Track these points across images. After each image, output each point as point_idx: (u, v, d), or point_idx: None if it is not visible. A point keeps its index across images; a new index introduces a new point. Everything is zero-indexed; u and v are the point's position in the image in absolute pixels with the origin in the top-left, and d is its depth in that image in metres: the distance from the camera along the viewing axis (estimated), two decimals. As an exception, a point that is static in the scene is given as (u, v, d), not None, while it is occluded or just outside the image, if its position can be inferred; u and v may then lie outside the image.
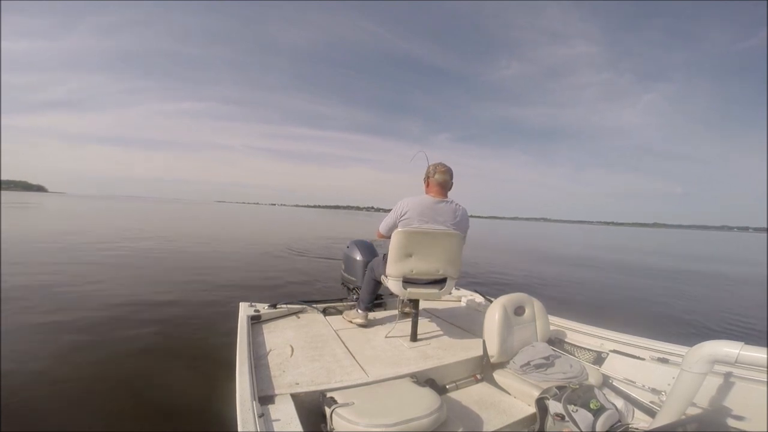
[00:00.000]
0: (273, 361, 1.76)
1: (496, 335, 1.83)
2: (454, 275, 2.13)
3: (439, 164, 2.19)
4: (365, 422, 1.17)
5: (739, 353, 1.18)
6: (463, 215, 2.14)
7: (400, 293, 2.09)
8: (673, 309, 5.42)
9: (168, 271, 6.62)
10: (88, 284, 5.34)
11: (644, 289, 6.95)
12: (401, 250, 2.03)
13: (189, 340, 3.39)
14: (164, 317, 3.99)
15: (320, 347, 1.98)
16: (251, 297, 2.69)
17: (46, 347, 3.10)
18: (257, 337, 2.07)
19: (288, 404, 1.38)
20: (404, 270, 2.05)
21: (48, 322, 3.68)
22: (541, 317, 2.05)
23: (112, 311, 4.09)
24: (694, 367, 1.27)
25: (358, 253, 2.99)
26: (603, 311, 4.99)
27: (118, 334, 3.44)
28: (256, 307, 2.44)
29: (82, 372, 2.71)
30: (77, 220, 17.40)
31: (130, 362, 2.92)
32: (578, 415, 1.26)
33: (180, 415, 2.25)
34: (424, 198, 2.12)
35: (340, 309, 2.84)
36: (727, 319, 4.97)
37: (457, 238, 2.07)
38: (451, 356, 1.95)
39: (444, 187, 2.16)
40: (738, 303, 5.82)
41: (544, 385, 1.60)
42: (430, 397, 1.34)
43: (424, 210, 2.07)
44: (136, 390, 2.52)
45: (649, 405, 1.64)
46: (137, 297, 4.72)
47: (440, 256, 2.05)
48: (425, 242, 2.03)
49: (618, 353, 1.95)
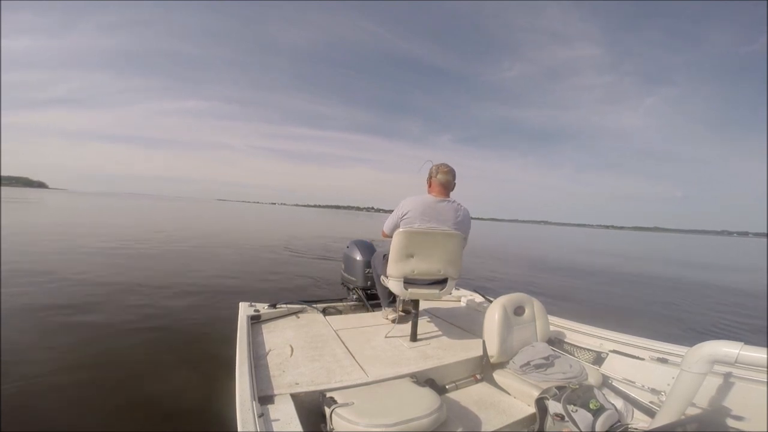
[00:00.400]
0: (273, 361, 1.76)
1: (496, 335, 1.84)
2: (454, 275, 2.12)
3: (442, 164, 2.20)
4: (365, 422, 1.17)
5: (739, 353, 1.18)
6: (464, 215, 2.15)
7: (401, 293, 2.09)
8: (673, 309, 5.43)
9: (167, 269, 6.61)
10: (85, 281, 5.34)
11: (644, 291, 6.96)
12: (402, 250, 2.02)
13: (189, 340, 3.39)
14: (164, 317, 3.98)
15: (320, 347, 1.98)
16: (251, 297, 2.69)
17: (44, 346, 3.10)
18: (257, 337, 2.07)
19: (288, 404, 1.38)
20: (405, 270, 2.04)
21: (46, 320, 3.68)
22: (540, 317, 2.05)
23: (112, 311, 4.09)
24: (694, 367, 1.28)
25: (358, 253, 2.99)
26: (603, 311, 5.00)
27: (117, 334, 3.43)
28: (255, 306, 2.44)
29: (81, 372, 2.71)
30: (77, 218, 17.40)
31: (129, 362, 2.92)
32: (578, 415, 1.26)
33: (180, 414, 2.25)
34: (426, 198, 2.13)
35: (340, 309, 2.84)
36: (727, 319, 4.97)
37: (457, 239, 2.07)
38: (451, 356, 1.95)
39: (446, 187, 2.17)
40: (738, 303, 5.83)
41: (543, 385, 1.60)
42: (430, 397, 1.35)
43: (426, 209, 2.07)
44: (136, 389, 2.52)
45: (649, 405, 1.64)
46: (135, 297, 4.71)
47: (441, 257, 2.06)
48: (426, 242, 2.03)
49: (618, 353, 1.95)
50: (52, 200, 37.51)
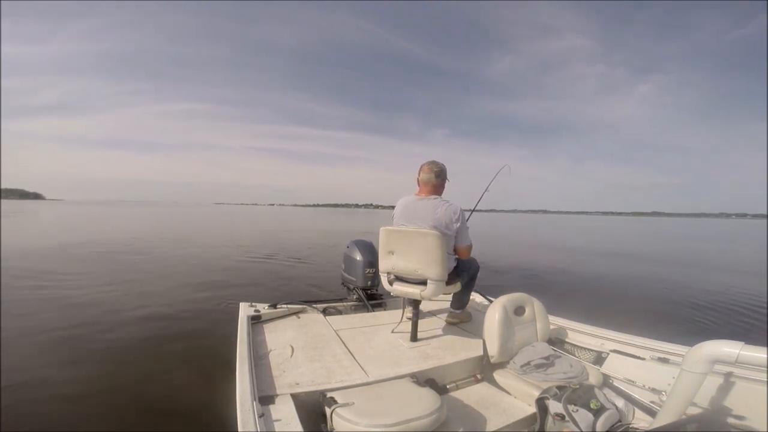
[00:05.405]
0: (273, 361, 1.76)
1: (496, 335, 1.83)
2: (434, 277, 1.98)
3: (426, 163, 2.21)
4: (365, 422, 1.17)
5: (740, 353, 1.18)
6: (445, 213, 2.04)
7: (387, 288, 2.20)
8: (672, 308, 5.43)
9: (167, 272, 6.63)
10: (88, 286, 5.35)
11: (645, 286, 6.95)
12: (384, 247, 2.13)
13: (189, 340, 3.39)
14: (164, 317, 3.99)
15: (320, 347, 1.98)
16: (251, 297, 2.69)
17: (44, 348, 3.11)
18: (257, 337, 2.07)
19: (288, 404, 1.38)
20: (387, 267, 2.15)
21: (48, 324, 3.69)
22: (541, 317, 2.05)
23: (112, 313, 4.10)
24: (695, 367, 1.27)
25: (358, 253, 2.99)
26: (603, 311, 4.99)
27: (117, 335, 3.44)
28: (256, 307, 2.44)
29: (82, 373, 2.71)
30: (77, 228, 17.34)
31: (130, 362, 2.93)
32: (578, 415, 1.26)
33: (180, 414, 2.25)
34: (407, 197, 2.19)
35: (340, 309, 2.84)
36: (726, 318, 4.97)
37: (433, 238, 1.93)
38: (451, 356, 1.95)
39: (427, 184, 2.16)
40: (737, 300, 5.84)
41: (544, 385, 1.60)
42: (430, 397, 1.34)
43: (404, 209, 2.15)
44: (137, 390, 2.52)
45: (650, 405, 1.64)
46: (136, 298, 4.72)
47: (418, 256, 2.01)
48: (402, 241, 2.07)
49: (618, 353, 1.95)
50: (50, 212, 37.03)
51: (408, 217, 2.12)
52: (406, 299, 2.47)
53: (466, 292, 2.45)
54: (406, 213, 2.13)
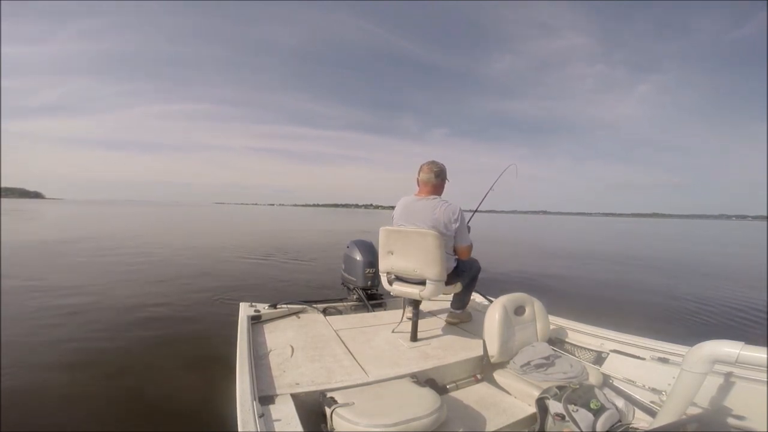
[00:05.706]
0: (273, 361, 1.76)
1: (496, 335, 1.83)
2: (433, 277, 1.98)
3: (426, 163, 2.21)
4: (365, 422, 1.17)
5: (740, 353, 1.18)
6: (444, 213, 2.03)
7: (387, 288, 2.20)
8: (672, 308, 5.43)
9: (168, 272, 6.62)
10: (87, 286, 5.35)
11: (644, 286, 6.95)
12: (383, 247, 2.14)
13: (189, 341, 3.39)
14: (164, 318, 3.99)
15: (320, 347, 1.98)
16: (251, 297, 2.69)
17: (44, 349, 3.11)
18: (257, 337, 2.07)
19: (288, 404, 1.38)
20: (386, 266, 2.16)
21: (48, 324, 3.68)
22: (541, 317, 2.05)
23: (112, 313, 4.10)
24: (695, 367, 1.27)
25: (358, 253, 2.99)
26: (603, 311, 4.99)
27: (118, 336, 3.44)
28: (256, 307, 2.44)
29: (82, 373, 2.71)
30: (81, 229, 17.35)
31: (130, 363, 2.92)
32: (578, 415, 1.26)
33: (180, 415, 2.25)
34: (408, 197, 2.20)
35: (340, 309, 2.84)
36: (726, 317, 4.97)
37: (431, 238, 1.93)
38: (451, 356, 1.95)
39: (427, 184, 2.17)
40: (737, 300, 5.84)
41: (544, 385, 1.60)
42: (430, 397, 1.34)
43: (404, 209, 2.16)
44: (137, 390, 2.52)
45: (650, 405, 1.64)
46: (137, 298, 4.72)
47: (417, 256, 2.02)
48: (401, 241, 2.07)
49: (618, 353, 1.95)
50: (52, 210, 37.34)
51: (407, 217, 2.12)
52: (406, 299, 2.47)
53: (467, 293, 2.45)
54: (406, 213, 2.14)
